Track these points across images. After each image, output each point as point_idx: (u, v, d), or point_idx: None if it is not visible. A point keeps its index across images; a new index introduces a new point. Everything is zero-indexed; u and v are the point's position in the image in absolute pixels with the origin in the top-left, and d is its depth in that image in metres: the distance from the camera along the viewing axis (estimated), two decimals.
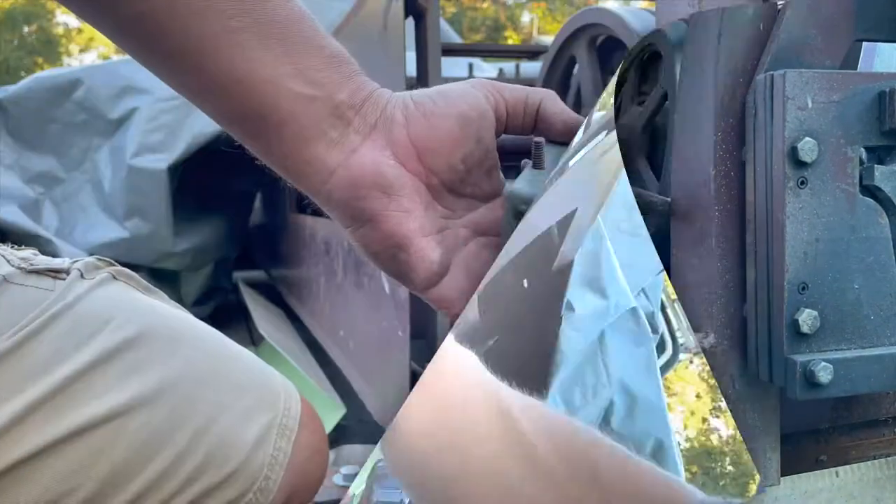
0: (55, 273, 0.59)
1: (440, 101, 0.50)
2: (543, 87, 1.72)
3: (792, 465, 0.88)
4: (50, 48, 16.90)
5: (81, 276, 0.61)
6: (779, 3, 0.72)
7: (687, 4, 0.70)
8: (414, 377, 0.99)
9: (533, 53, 2.80)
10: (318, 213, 2.38)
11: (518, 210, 0.47)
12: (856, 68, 0.86)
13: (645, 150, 1.41)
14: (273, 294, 2.82)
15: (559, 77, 1.68)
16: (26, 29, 16.61)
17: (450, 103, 0.50)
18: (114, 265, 0.65)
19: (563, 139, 0.53)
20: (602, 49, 1.54)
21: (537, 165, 0.49)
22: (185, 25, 0.43)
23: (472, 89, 0.51)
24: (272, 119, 0.46)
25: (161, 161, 2.35)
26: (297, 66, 0.46)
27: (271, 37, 0.45)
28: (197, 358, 0.62)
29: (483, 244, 0.52)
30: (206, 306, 2.68)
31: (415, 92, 0.51)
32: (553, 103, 0.53)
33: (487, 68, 3.07)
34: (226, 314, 2.79)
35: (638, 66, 1.57)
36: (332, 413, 1.79)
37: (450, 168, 0.50)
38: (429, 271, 0.50)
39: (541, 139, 0.49)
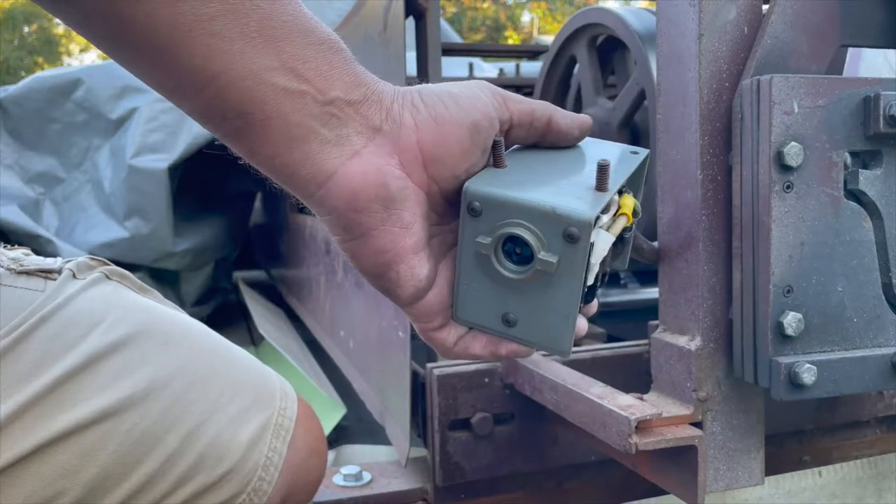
0: (46, 273, 0.58)
1: (452, 105, 0.46)
2: (544, 86, 1.73)
3: (776, 464, 0.89)
4: (50, 48, 16.90)
5: (73, 276, 0.59)
6: (763, 6, 0.73)
7: (688, 4, 0.71)
8: (414, 377, 1.00)
9: (533, 53, 2.80)
10: None
11: (471, 207, 0.46)
12: (841, 73, 0.87)
13: None
14: (273, 294, 2.82)
15: (559, 77, 1.69)
16: (26, 29, 16.61)
17: (462, 110, 0.46)
18: (107, 265, 0.64)
19: (577, 142, 0.53)
20: (602, 49, 1.54)
21: (497, 164, 0.48)
22: (154, 15, 0.38)
23: (483, 95, 0.48)
24: (256, 117, 0.41)
25: (161, 161, 2.36)
26: (281, 56, 0.41)
27: (250, 24, 0.40)
28: (190, 358, 0.61)
29: None
30: (206, 306, 2.68)
31: (422, 89, 0.47)
32: (563, 116, 0.50)
33: (487, 68, 3.07)
34: (226, 314, 2.80)
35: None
36: (332, 413, 1.79)
37: (453, 178, 0.47)
38: (415, 288, 0.48)
39: (500, 138, 0.48)
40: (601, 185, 0.46)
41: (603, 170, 0.46)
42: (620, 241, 0.50)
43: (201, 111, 0.42)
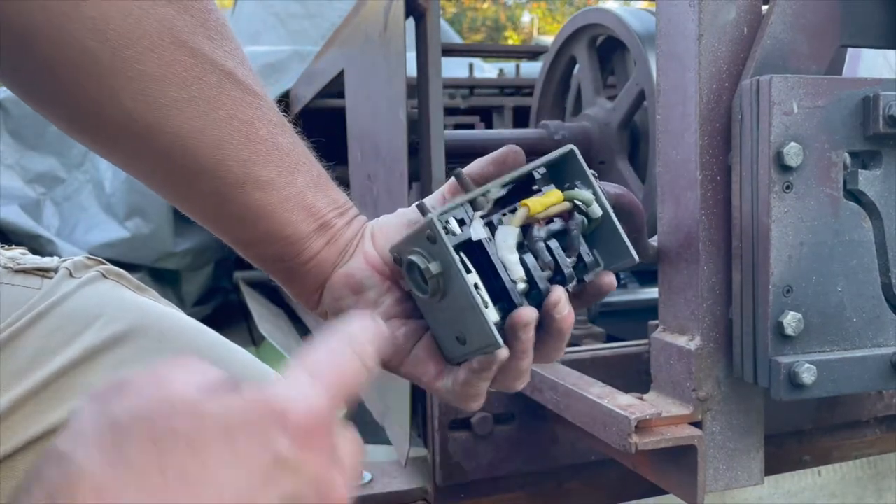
0: (43, 272, 0.59)
1: (394, 218, 0.58)
2: (543, 87, 1.73)
3: (776, 464, 0.89)
4: None
5: (70, 274, 0.60)
6: (763, 6, 0.73)
7: (687, 4, 0.71)
8: None
9: (533, 54, 2.81)
10: None
11: (397, 261, 0.54)
12: (840, 74, 0.87)
13: (625, 149, 1.41)
14: (273, 294, 2.82)
15: (559, 77, 1.69)
16: None
17: (400, 217, 0.57)
18: (104, 264, 0.64)
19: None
20: (602, 49, 1.54)
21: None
22: (247, 199, 0.51)
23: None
24: (301, 259, 0.55)
25: None
26: (321, 220, 0.54)
27: (307, 199, 0.53)
28: (186, 355, 0.61)
29: None
30: (206, 306, 2.68)
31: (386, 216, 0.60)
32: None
33: (487, 68, 3.06)
34: (226, 314, 2.79)
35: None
36: None
37: None
38: (395, 345, 0.55)
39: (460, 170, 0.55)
40: (463, 189, 0.52)
41: (457, 176, 0.53)
42: (566, 233, 0.52)
43: (258, 257, 0.56)
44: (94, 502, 0.27)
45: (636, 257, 0.53)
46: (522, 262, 0.50)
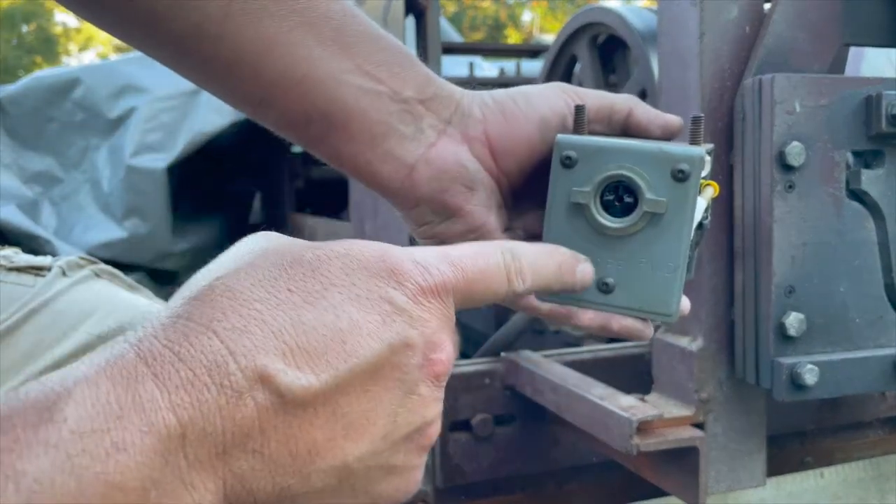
0: (37, 270, 0.59)
1: (521, 101, 0.48)
2: None
3: (778, 466, 0.89)
4: (48, 47, 16.86)
5: (63, 273, 0.61)
6: (765, 5, 0.73)
7: (689, 3, 0.71)
8: None
9: (534, 52, 2.80)
10: (317, 212, 2.33)
11: (566, 157, 0.43)
12: (843, 72, 0.86)
13: None
14: None
15: (560, 76, 1.68)
16: (25, 28, 16.58)
17: (531, 106, 0.48)
18: (97, 263, 0.65)
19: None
20: (603, 48, 1.54)
21: (578, 130, 0.45)
22: (239, 32, 0.43)
23: (554, 93, 0.48)
24: (338, 117, 0.46)
25: (160, 160, 2.35)
26: (355, 60, 0.45)
27: (325, 34, 0.45)
28: None
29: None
30: None
31: (494, 91, 0.49)
32: (645, 110, 0.50)
33: (488, 67, 3.06)
34: None
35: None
36: None
37: (520, 172, 0.48)
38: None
39: (583, 104, 0.46)
40: (695, 137, 0.43)
41: (697, 122, 0.43)
42: (700, 227, 0.45)
43: (287, 117, 0.47)
44: (229, 300, 0.32)
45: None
46: None
